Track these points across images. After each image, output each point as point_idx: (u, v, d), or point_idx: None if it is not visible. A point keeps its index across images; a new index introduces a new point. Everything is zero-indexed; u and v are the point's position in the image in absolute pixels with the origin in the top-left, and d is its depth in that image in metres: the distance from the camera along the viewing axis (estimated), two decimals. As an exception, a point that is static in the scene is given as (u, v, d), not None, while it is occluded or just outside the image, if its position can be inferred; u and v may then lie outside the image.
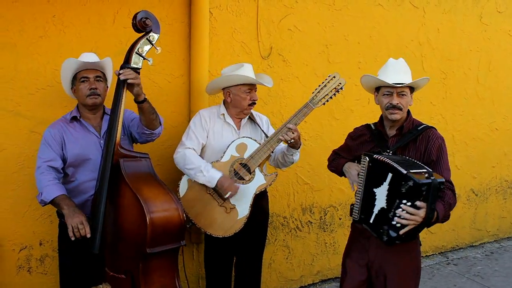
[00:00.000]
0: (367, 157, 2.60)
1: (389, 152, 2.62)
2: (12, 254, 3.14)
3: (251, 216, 3.06)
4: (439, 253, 5.13)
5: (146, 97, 2.66)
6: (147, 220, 2.35)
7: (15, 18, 2.98)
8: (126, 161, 2.54)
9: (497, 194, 5.47)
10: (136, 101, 2.65)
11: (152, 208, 2.39)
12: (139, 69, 2.61)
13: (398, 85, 2.59)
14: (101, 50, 3.15)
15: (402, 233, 2.38)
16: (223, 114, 3.18)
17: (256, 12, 3.76)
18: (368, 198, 2.57)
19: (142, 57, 2.60)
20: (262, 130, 3.26)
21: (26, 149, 3.09)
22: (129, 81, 2.55)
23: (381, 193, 2.49)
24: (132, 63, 2.58)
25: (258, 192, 3.04)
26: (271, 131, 3.24)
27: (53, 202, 2.62)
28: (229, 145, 3.07)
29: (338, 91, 3.04)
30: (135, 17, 2.55)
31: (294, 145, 3.03)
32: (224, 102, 3.23)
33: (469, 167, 5.16)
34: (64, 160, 2.77)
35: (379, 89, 2.72)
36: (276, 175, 3.09)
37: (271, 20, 3.83)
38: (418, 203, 2.34)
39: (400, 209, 2.36)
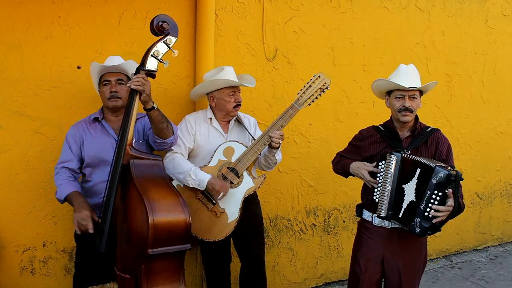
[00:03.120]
0: (394, 156, 2.66)
1: (407, 152, 2.72)
2: (16, 255, 3.13)
3: (245, 222, 3.08)
4: (443, 256, 5.10)
5: (155, 106, 2.65)
6: (149, 221, 2.33)
7: (21, 18, 2.98)
8: (136, 162, 2.53)
9: (502, 197, 5.45)
10: (144, 108, 2.65)
11: (156, 209, 2.37)
12: (154, 71, 2.62)
13: (411, 89, 2.73)
14: (106, 52, 3.15)
15: (435, 222, 2.52)
16: (210, 118, 3.17)
17: (262, 14, 3.75)
18: (397, 195, 2.66)
19: (158, 59, 2.60)
20: (250, 133, 3.24)
21: (30, 150, 3.08)
22: (133, 87, 2.54)
23: (409, 188, 2.62)
24: (147, 66, 2.58)
25: (247, 195, 3.04)
26: (258, 133, 3.23)
27: (67, 199, 2.71)
28: (216, 149, 3.07)
29: (323, 91, 3.02)
30: (152, 21, 2.56)
31: (275, 146, 3.02)
32: (211, 106, 3.22)
33: (473, 170, 5.14)
34: (81, 160, 2.84)
35: (391, 93, 2.83)
36: (264, 177, 3.09)
37: (277, 22, 3.83)
38: (448, 191, 2.50)
39: (432, 200, 2.51)
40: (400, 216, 2.64)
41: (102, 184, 2.77)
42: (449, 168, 2.53)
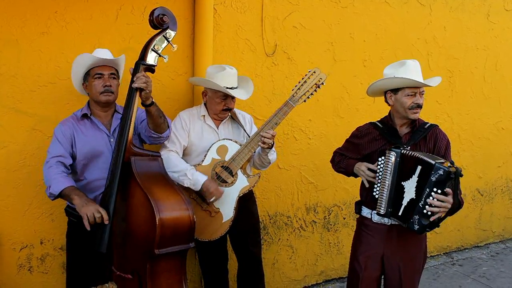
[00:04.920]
0: (394, 153, 2.63)
1: (407, 148, 2.69)
2: (13, 253, 3.11)
3: (241, 220, 3.05)
4: (444, 253, 5.08)
5: (154, 100, 2.61)
6: (157, 221, 2.30)
7: (17, 14, 2.94)
8: (137, 159, 2.49)
9: (503, 194, 5.42)
10: (143, 104, 2.60)
11: (162, 208, 2.34)
12: (154, 66, 2.58)
13: (429, 85, 2.72)
14: (104, 47, 3.09)
15: (433, 219, 2.49)
16: (204, 115, 3.13)
17: (261, 9, 3.71)
18: (396, 192, 2.62)
19: (158, 54, 2.57)
20: (245, 130, 3.19)
21: (27, 146, 3.05)
22: (137, 86, 2.49)
23: (410, 186, 2.58)
24: (147, 60, 2.54)
25: (241, 194, 3.00)
26: (254, 131, 3.18)
27: (62, 194, 2.57)
28: (210, 148, 3.02)
29: (319, 87, 2.96)
30: (152, 13, 2.51)
31: (268, 146, 2.96)
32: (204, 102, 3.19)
33: (474, 166, 5.11)
34: (73, 157, 2.74)
35: (397, 90, 2.76)
36: (259, 176, 3.05)
37: (276, 17, 3.79)
38: (447, 190, 2.46)
39: (431, 198, 2.47)
40: (400, 214, 2.61)
41: (96, 182, 2.74)
42: (449, 165, 2.48)
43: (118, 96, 2.84)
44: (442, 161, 2.52)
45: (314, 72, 2.94)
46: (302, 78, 2.96)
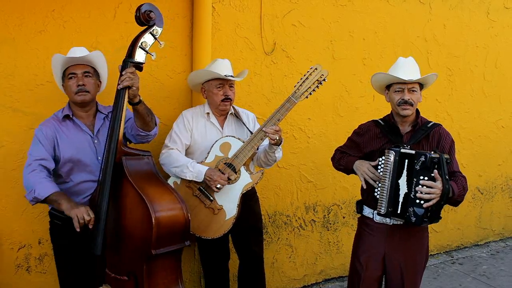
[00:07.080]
0: (393, 152, 2.63)
1: (407, 147, 2.68)
2: (11, 253, 3.09)
3: (243, 219, 3.04)
4: (444, 252, 5.07)
5: (141, 99, 2.55)
6: (153, 220, 2.28)
7: (14, 12, 2.92)
8: (128, 159, 2.46)
9: (503, 192, 5.41)
10: (130, 103, 2.53)
11: (157, 208, 2.32)
12: (142, 63, 2.53)
13: (409, 81, 2.68)
14: (102, 45, 3.10)
15: (426, 206, 2.50)
16: (208, 113, 3.13)
17: (260, 7, 3.70)
18: (394, 191, 2.63)
19: (146, 51, 2.52)
20: (248, 129, 3.18)
21: (25, 146, 3.01)
22: (121, 87, 2.44)
23: (403, 182, 2.61)
24: (135, 58, 2.50)
25: (245, 191, 2.99)
26: (257, 128, 3.17)
27: (48, 199, 2.48)
28: (213, 145, 3.02)
29: (321, 83, 2.96)
30: (138, 9, 2.46)
31: (275, 142, 2.95)
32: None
33: (474, 165, 5.10)
34: (56, 160, 2.65)
35: (390, 86, 2.79)
36: (262, 173, 3.04)
37: (275, 15, 3.77)
38: (434, 175, 2.49)
39: (420, 185, 2.51)
40: (398, 211, 2.61)
41: (84, 184, 2.68)
42: (433, 151, 2.53)
43: (96, 95, 2.77)
44: (428, 151, 2.56)
45: (316, 68, 2.94)
46: (304, 75, 2.96)
